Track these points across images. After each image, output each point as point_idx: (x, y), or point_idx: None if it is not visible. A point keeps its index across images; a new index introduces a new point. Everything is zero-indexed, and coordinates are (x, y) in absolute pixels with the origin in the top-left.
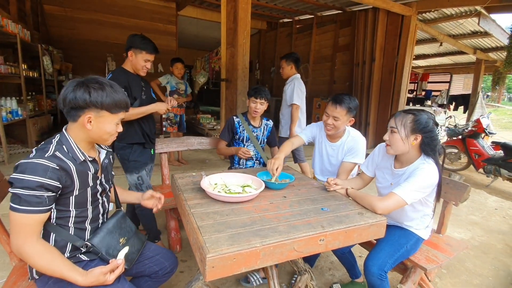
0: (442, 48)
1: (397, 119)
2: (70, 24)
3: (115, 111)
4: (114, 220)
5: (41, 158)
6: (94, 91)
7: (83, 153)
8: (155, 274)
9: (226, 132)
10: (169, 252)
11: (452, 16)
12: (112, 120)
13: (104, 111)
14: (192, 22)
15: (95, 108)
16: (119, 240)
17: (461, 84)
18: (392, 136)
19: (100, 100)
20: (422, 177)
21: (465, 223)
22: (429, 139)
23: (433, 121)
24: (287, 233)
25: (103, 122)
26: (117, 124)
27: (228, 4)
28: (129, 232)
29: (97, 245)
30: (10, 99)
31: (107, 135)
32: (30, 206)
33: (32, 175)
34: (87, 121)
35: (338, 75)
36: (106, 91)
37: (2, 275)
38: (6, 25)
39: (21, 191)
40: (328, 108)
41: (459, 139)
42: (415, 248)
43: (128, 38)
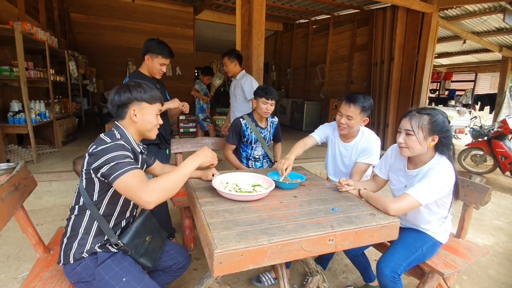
0: (466, 45)
1: (412, 121)
2: (94, 31)
3: (153, 102)
4: (141, 219)
5: (118, 141)
6: (133, 89)
7: (138, 145)
8: (169, 269)
9: (233, 135)
10: (183, 248)
11: (476, 12)
12: (152, 111)
13: (144, 102)
14: (209, 25)
15: (136, 101)
16: (145, 239)
17: (487, 83)
18: (409, 138)
19: (140, 95)
20: (437, 177)
21: (489, 228)
22: (446, 138)
23: (448, 119)
24: (295, 232)
25: (146, 113)
26: (157, 116)
27: (243, 7)
28: (153, 230)
29: (127, 244)
30: (39, 102)
31: (151, 124)
32: (131, 165)
33: (120, 151)
34: (133, 114)
35: (355, 75)
36: (143, 87)
37: (28, 267)
38: (36, 33)
39: (120, 160)
40: (341, 107)
41: (485, 140)
42: (431, 252)
43: (145, 42)
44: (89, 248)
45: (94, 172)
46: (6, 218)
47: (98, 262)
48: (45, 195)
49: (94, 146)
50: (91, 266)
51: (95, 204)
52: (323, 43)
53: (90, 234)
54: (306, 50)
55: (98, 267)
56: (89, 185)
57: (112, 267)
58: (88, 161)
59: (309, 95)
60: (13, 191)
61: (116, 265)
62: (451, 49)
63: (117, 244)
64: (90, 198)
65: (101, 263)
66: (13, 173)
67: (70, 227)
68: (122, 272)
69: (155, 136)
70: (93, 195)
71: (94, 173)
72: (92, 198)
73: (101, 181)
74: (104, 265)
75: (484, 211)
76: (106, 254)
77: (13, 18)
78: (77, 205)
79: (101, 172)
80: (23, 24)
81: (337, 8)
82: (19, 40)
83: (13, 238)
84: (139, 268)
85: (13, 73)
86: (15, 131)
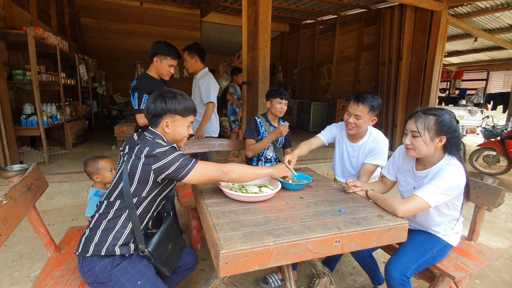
0: (477, 43)
1: (418, 122)
2: (103, 35)
3: (186, 115)
4: (165, 227)
5: (169, 145)
6: (168, 100)
7: None
8: (179, 269)
9: (251, 131)
10: (191, 249)
11: (487, 9)
12: (184, 123)
13: (178, 115)
14: (216, 27)
15: (170, 113)
16: (168, 247)
17: (501, 82)
18: (415, 140)
19: (174, 107)
20: (446, 179)
21: (503, 231)
22: (455, 139)
23: (455, 119)
24: (301, 233)
25: (178, 125)
26: (188, 127)
27: (249, 8)
28: (175, 237)
29: (153, 253)
30: (51, 105)
31: (181, 136)
32: (193, 159)
33: (177, 151)
34: (165, 125)
35: (363, 75)
36: (178, 99)
37: (40, 266)
38: (47, 37)
39: (184, 158)
40: (349, 106)
41: (498, 140)
42: (442, 254)
43: (153, 45)
44: (121, 244)
45: (155, 172)
46: (19, 218)
47: (115, 264)
48: (56, 196)
49: (148, 149)
50: (108, 267)
51: (136, 205)
52: (330, 43)
53: (125, 232)
54: (312, 50)
55: (114, 269)
56: (139, 186)
57: (128, 269)
58: (146, 161)
59: (315, 95)
60: (26, 192)
61: (132, 267)
62: (462, 47)
63: (143, 252)
64: (135, 198)
65: (117, 265)
66: (26, 174)
67: (106, 221)
68: (137, 275)
69: (183, 146)
70: (141, 194)
71: (154, 173)
72: (136, 198)
73: (155, 181)
74: (121, 266)
75: (497, 213)
76: (121, 257)
77: (26, 24)
78: (113, 206)
79: (167, 172)
80: (35, 29)
81: (344, 8)
82: (32, 45)
83: (26, 238)
84: (152, 270)
85: (26, 77)
86: (28, 133)
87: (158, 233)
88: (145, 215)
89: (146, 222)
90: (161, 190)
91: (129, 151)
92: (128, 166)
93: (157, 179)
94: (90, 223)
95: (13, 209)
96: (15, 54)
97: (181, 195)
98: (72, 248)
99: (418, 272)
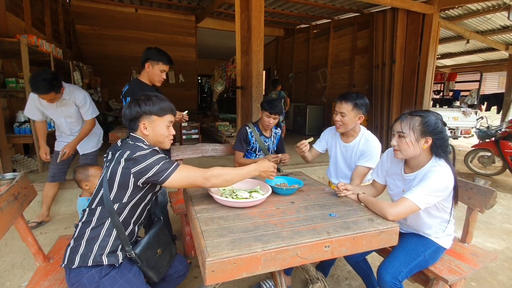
0: (470, 45)
1: (403, 123)
2: (98, 41)
3: (162, 114)
4: (154, 231)
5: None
6: (142, 102)
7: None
8: (170, 277)
9: (240, 143)
10: (182, 257)
11: (479, 11)
12: (162, 123)
13: (154, 116)
14: (211, 33)
15: (146, 115)
16: (157, 251)
17: (495, 83)
18: (401, 141)
19: (149, 108)
20: (434, 180)
21: (499, 232)
22: (440, 140)
23: (441, 121)
24: (290, 239)
25: (156, 125)
26: (168, 127)
27: (242, 14)
28: (165, 243)
29: (139, 256)
30: None
31: (162, 137)
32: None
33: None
34: (144, 127)
35: (357, 78)
36: (152, 100)
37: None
38: (41, 45)
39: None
40: (335, 106)
41: (492, 141)
42: (434, 257)
43: (145, 51)
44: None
45: (135, 176)
46: (5, 227)
47: (103, 274)
48: None
49: (129, 152)
50: (96, 277)
51: (117, 211)
52: (324, 47)
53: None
54: (307, 54)
55: (102, 279)
56: (119, 191)
57: (116, 279)
58: (125, 165)
59: (311, 99)
60: (13, 201)
61: (121, 277)
62: (455, 50)
63: (130, 254)
64: (116, 204)
65: (106, 275)
66: (13, 183)
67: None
68: (126, 284)
69: (168, 146)
70: (122, 199)
71: (134, 177)
72: (117, 205)
73: (135, 185)
74: (109, 276)
75: (493, 214)
76: (109, 267)
77: (20, 32)
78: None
79: (147, 176)
80: (28, 37)
81: (337, 12)
82: (25, 53)
83: (18, 247)
84: (142, 280)
85: (19, 84)
86: (21, 141)
87: (147, 236)
88: (129, 221)
89: (131, 228)
90: (144, 195)
91: (111, 157)
92: (108, 172)
93: (138, 183)
94: (74, 232)
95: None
96: (8, 62)
97: (174, 201)
98: (61, 257)
99: (410, 276)
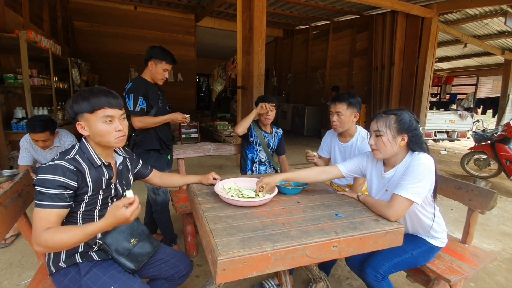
0: (467, 49)
1: (380, 122)
2: (97, 39)
3: (93, 110)
4: None
5: (62, 160)
6: (73, 102)
7: (99, 158)
8: (171, 277)
9: None
10: (184, 255)
11: (476, 16)
12: (96, 119)
13: (86, 114)
14: (210, 32)
15: (78, 115)
16: (130, 240)
17: (489, 87)
18: (378, 140)
19: (78, 106)
20: (419, 169)
21: (496, 233)
22: (416, 137)
23: (415, 119)
24: (299, 238)
25: (91, 124)
26: (110, 122)
27: (244, 14)
28: (141, 234)
29: (108, 243)
30: (42, 109)
31: (103, 135)
32: (53, 201)
33: (54, 175)
34: (81, 129)
35: (356, 80)
36: (82, 95)
37: (30, 274)
38: (40, 41)
39: (45, 189)
40: (330, 108)
41: (488, 144)
42: (426, 256)
43: (148, 49)
44: (65, 256)
45: None
46: (9, 225)
47: (83, 273)
48: None
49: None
50: (77, 277)
51: (71, 220)
52: (323, 48)
53: None
54: (306, 55)
55: (84, 278)
56: None
57: (98, 275)
58: None
59: (310, 100)
60: (16, 198)
61: (103, 273)
62: (452, 53)
63: (98, 244)
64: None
65: (86, 273)
66: (16, 179)
67: None
68: (110, 280)
69: (120, 143)
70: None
71: None
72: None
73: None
74: (91, 275)
75: (490, 216)
76: (89, 263)
77: (18, 27)
78: None
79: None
80: (27, 32)
81: (337, 14)
82: (24, 48)
83: (16, 245)
84: (128, 275)
85: (17, 80)
86: (18, 138)
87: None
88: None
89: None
90: (91, 202)
91: None
92: None
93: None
94: None
95: (3, 216)
96: (6, 58)
97: (175, 200)
98: None
99: (396, 271)
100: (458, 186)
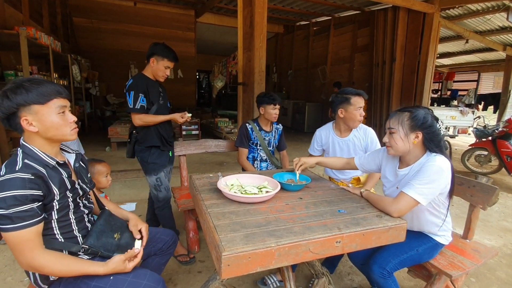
0: (468, 45)
1: (393, 119)
2: (96, 35)
3: (45, 100)
4: (102, 219)
5: (13, 173)
6: (11, 93)
7: (51, 157)
8: (160, 250)
9: (243, 140)
10: (167, 230)
11: (478, 11)
12: (49, 110)
13: (34, 105)
14: (210, 28)
15: (23, 107)
16: (113, 236)
17: (491, 83)
18: (391, 137)
19: (22, 97)
20: (431, 171)
21: (497, 229)
22: (431, 134)
23: (431, 115)
24: (302, 234)
25: (41, 116)
26: (63, 113)
27: (245, 9)
28: (120, 227)
29: (94, 245)
30: None
31: (63, 127)
32: (25, 221)
33: (13, 190)
34: (27, 124)
35: (357, 76)
36: (24, 86)
37: None
38: (40, 37)
39: (9, 210)
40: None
41: (489, 140)
42: (430, 253)
43: (151, 46)
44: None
45: None
46: None
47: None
48: None
49: None
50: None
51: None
52: (324, 44)
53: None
54: (307, 51)
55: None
56: None
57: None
58: None
59: (310, 96)
60: None
61: None
62: (453, 49)
63: (84, 249)
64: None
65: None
66: None
67: None
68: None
69: (73, 137)
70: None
71: None
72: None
73: None
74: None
75: (490, 212)
76: None
77: (18, 24)
78: None
79: None
80: (27, 29)
81: (338, 10)
82: (24, 45)
83: None
84: None
85: (17, 77)
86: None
87: (94, 226)
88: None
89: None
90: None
91: None
92: None
93: None
94: None
95: None
96: (7, 55)
97: (177, 196)
98: None
99: (402, 268)
100: (460, 182)
